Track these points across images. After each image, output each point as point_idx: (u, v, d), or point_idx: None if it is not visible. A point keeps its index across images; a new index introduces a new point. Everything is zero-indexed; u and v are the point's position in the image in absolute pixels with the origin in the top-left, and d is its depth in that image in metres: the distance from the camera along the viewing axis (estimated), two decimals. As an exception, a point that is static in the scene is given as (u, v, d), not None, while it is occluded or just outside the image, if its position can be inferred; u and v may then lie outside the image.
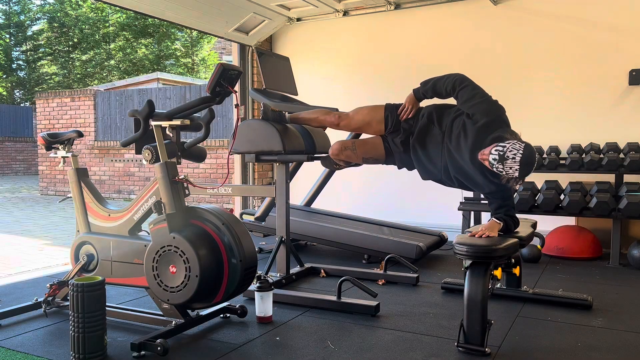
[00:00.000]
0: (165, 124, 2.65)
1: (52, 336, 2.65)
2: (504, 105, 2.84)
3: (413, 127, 2.94)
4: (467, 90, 2.77)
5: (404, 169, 3.18)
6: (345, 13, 5.84)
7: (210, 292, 2.61)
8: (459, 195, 4.80)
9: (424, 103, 3.04)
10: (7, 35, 21.98)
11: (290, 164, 4.03)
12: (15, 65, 22.51)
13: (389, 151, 3.05)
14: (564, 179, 4.84)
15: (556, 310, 3.05)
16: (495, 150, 2.50)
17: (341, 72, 6.05)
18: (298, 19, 6.11)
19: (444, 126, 2.82)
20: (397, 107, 3.09)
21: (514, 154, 2.46)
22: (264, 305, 2.84)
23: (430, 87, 2.91)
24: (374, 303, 2.99)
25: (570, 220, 4.84)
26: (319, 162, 3.57)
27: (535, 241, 4.14)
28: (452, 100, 2.89)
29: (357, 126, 3.15)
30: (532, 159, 2.48)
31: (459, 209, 4.63)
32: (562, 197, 4.40)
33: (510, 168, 2.47)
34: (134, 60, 20.99)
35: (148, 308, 3.01)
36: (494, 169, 2.53)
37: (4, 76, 22.03)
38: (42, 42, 22.25)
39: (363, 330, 2.72)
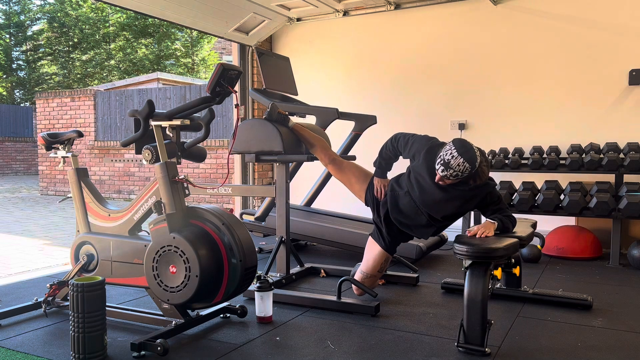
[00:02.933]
0: (165, 124, 2.65)
1: (52, 336, 2.65)
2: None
3: (388, 201, 3.03)
4: (401, 141, 2.98)
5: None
6: (345, 13, 5.84)
7: (210, 292, 2.61)
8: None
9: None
10: (7, 35, 21.98)
11: (290, 164, 4.03)
12: (15, 65, 22.51)
13: (388, 245, 3.11)
14: (564, 179, 4.84)
15: (556, 310, 3.05)
16: (438, 165, 2.63)
17: (341, 72, 6.05)
18: (298, 19, 6.11)
19: (405, 186, 2.94)
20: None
21: (450, 153, 2.59)
22: (264, 305, 2.85)
23: (380, 161, 3.12)
24: (374, 303, 2.99)
25: (570, 220, 4.84)
26: (319, 162, 3.58)
27: (535, 241, 4.15)
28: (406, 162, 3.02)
29: (342, 179, 3.29)
30: (465, 145, 2.59)
31: (459, 209, 4.63)
32: (562, 197, 4.40)
33: (458, 165, 2.57)
34: (134, 60, 20.99)
35: (148, 308, 3.01)
36: (452, 178, 2.62)
37: (4, 76, 22.03)
38: (42, 42, 22.24)
39: (363, 330, 2.72)
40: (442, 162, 2.60)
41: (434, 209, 2.82)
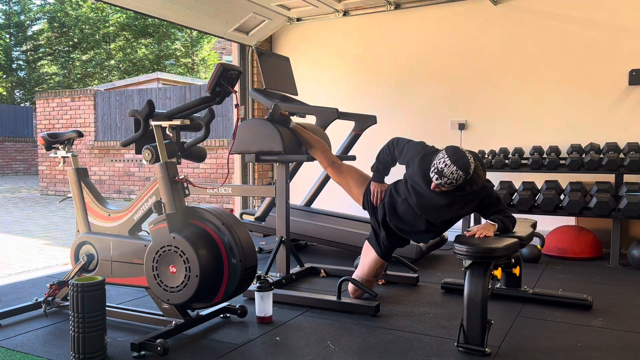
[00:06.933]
0: (165, 124, 2.65)
1: (52, 336, 2.65)
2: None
3: (385, 207, 3.03)
4: (397, 147, 2.98)
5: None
6: (345, 13, 5.84)
7: (210, 292, 2.61)
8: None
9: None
10: (7, 35, 21.98)
11: (290, 164, 4.03)
12: (15, 65, 22.52)
13: (383, 252, 3.11)
14: (564, 179, 4.84)
15: (556, 310, 3.05)
16: (432, 173, 2.63)
17: (341, 72, 6.05)
18: (298, 19, 6.11)
19: (402, 193, 2.93)
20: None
21: (443, 162, 2.58)
22: (264, 305, 2.84)
23: (377, 166, 3.10)
24: (374, 303, 2.99)
25: (570, 220, 4.84)
26: (318, 162, 3.57)
27: (535, 241, 4.15)
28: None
29: (340, 182, 3.28)
30: (458, 153, 2.59)
31: (459, 209, 4.62)
32: (562, 197, 4.40)
33: (452, 173, 2.57)
34: (134, 60, 21.00)
35: (148, 308, 3.01)
36: (447, 186, 2.62)
37: (4, 76, 22.03)
38: (42, 42, 22.25)
39: (363, 330, 2.72)
40: (435, 170, 2.60)
41: (432, 214, 2.82)
